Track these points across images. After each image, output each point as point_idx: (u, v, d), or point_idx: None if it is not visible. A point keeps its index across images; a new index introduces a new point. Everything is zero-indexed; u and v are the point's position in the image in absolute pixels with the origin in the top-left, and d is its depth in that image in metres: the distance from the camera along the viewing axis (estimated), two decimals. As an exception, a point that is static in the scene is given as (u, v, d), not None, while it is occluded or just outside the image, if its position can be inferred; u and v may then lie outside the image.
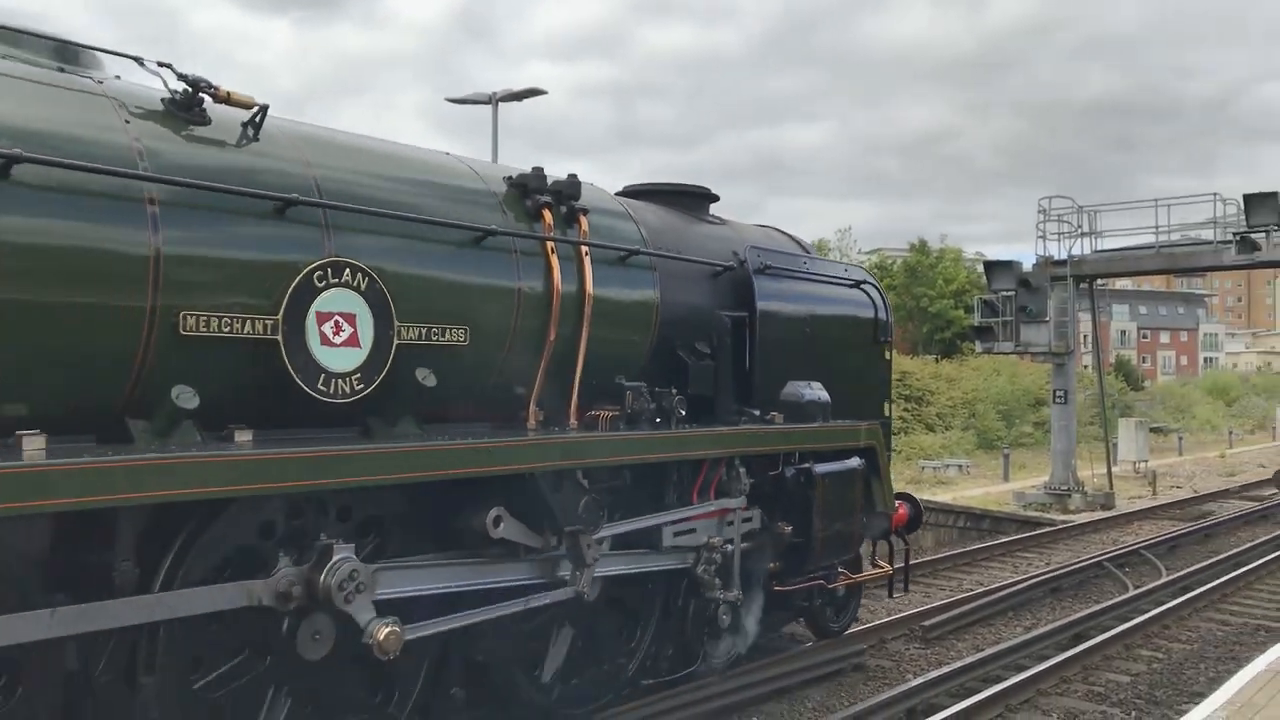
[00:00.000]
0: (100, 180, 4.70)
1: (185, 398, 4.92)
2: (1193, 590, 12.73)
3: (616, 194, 8.19)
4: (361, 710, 5.81)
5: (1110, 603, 12.06)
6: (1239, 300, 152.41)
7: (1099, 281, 25.46)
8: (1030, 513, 20.72)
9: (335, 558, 5.17)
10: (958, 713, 7.91)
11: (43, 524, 4.52)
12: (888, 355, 10.35)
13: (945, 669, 9.09)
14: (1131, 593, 12.70)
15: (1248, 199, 19.91)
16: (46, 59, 5.25)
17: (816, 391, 8.64)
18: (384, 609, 5.42)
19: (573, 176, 7.28)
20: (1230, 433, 44.09)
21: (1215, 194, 22.02)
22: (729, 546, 7.95)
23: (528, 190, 7.00)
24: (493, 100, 22.64)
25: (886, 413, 10.20)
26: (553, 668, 6.95)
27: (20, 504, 4.04)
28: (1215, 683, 9.24)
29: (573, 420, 7.03)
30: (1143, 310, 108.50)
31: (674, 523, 7.52)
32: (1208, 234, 22.75)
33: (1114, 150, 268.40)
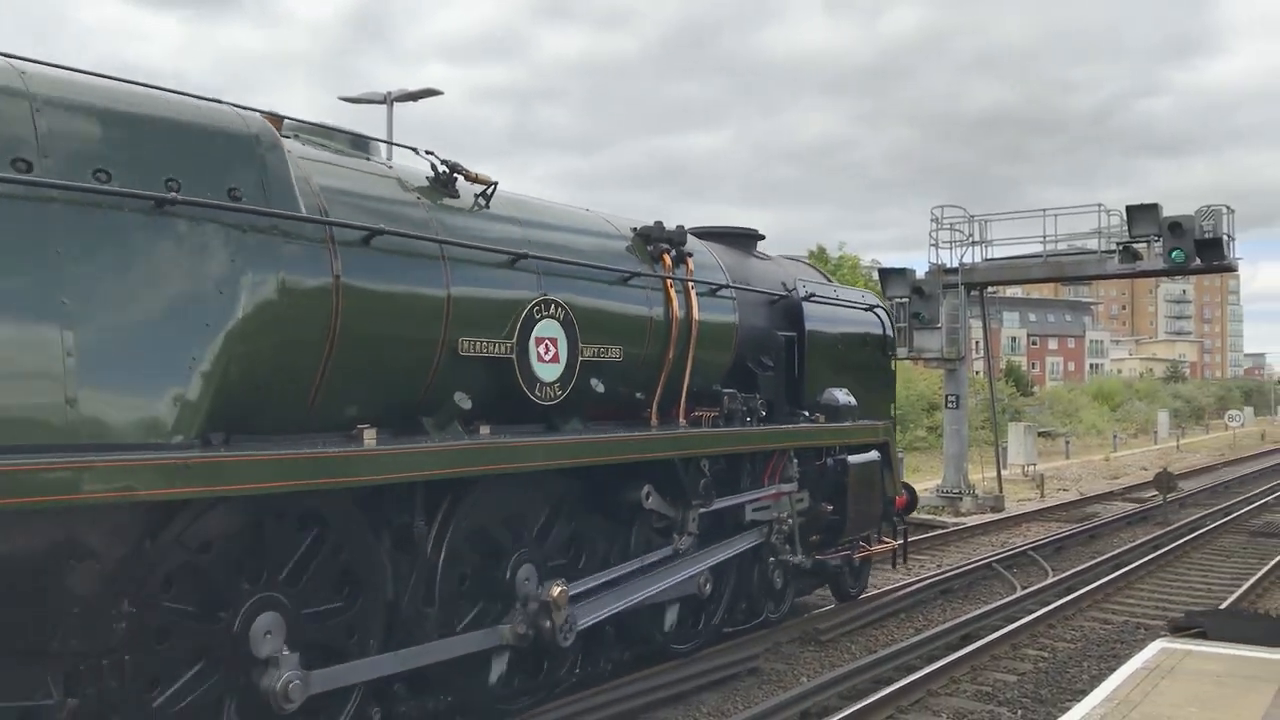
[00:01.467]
0: (417, 244, 6.63)
1: (462, 400, 6.82)
2: (1077, 590, 13.05)
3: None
4: None
5: (998, 603, 12.30)
6: (1123, 308, 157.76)
7: (990, 289, 26.02)
8: (923, 515, 21.08)
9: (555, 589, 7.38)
10: (850, 715, 7.95)
11: (365, 493, 6.21)
12: (893, 366, 12.79)
13: (838, 671, 9.18)
14: (1019, 593, 12.98)
15: (1130, 210, 20.52)
16: (349, 149, 7.12)
17: (847, 396, 10.97)
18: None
19: (680, 228, 9.17)
20: (1115, 436, 45.49)
21: (1100, 205, 22.71)
22: (790, 521, 10.22)
23: (649, 238, 8.97)
24: (388, 100, 22.36)
25: (891, 413, 12.38)
26: (670, 621, 9.28)
27: (368, 479, 6.03)
28: (1097, 680, 9.46)
29: (682, 420, 8.98)
30: (1032, 317, 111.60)
31: (757, 500, 9.88)
32: (1092, 244, 23.42)
33: (1003, 161, 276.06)
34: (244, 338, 5.40)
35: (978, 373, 42.05)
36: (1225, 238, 19.87)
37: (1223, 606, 11.37)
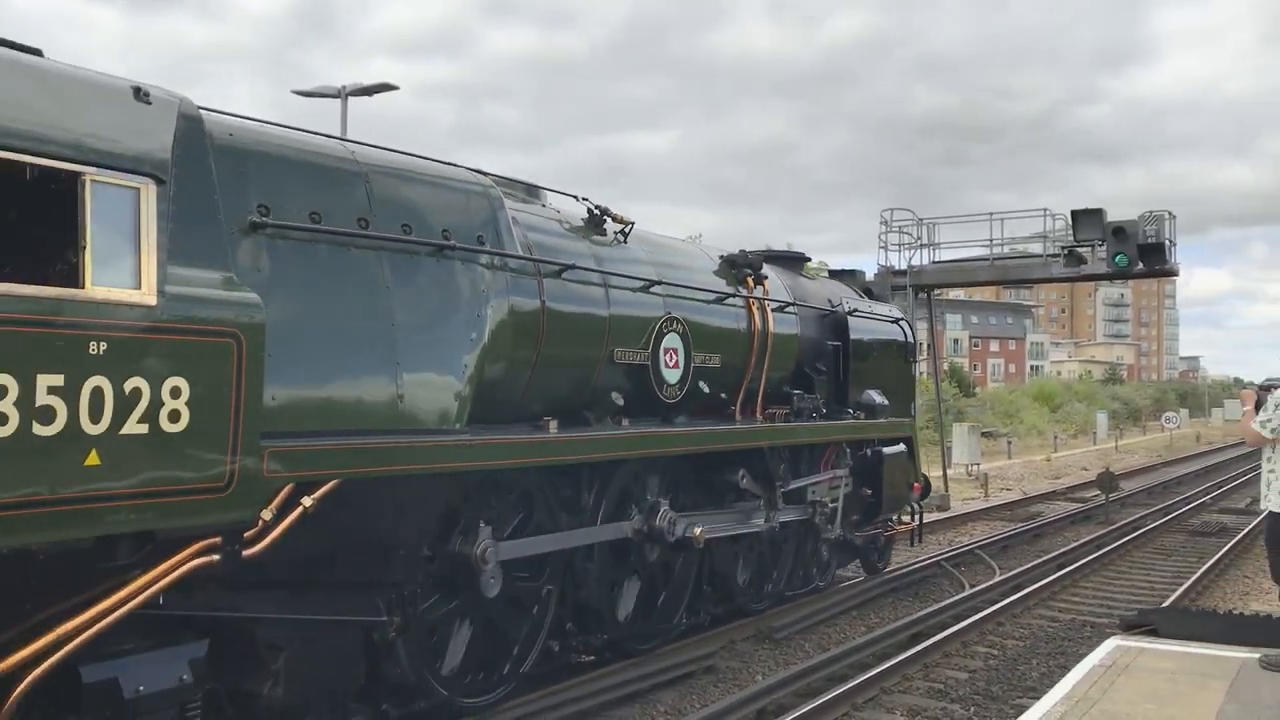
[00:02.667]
0: (589, 275, 8.53)
1: (617, 398, 8.71)
2: (1024, 589, 13.18)
3: (748, 258, 11.57)
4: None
5: (948, 601, 12.41)
6: (1063, 311, 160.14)
7: (936, 291, 26.25)
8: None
9: (661, 509, 9.33)
10: (806, 713, 7.96)
11: (550, 471, 8.11)
12: (913, 371, 14.62)
13: (793, 669, 9.20)
14: (968, 591, 13.09)
15: (1075, 215, 20.76)
16: (524, 195, 8.79)
17: (881, 397, 12.86)
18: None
19: (756, 254, 11.26)
20: (1055, 437, 46.16)
21: (1045, 209, 22.98)
22: (834, 503, 12.02)
23: (735, 264, 10.87)
24: (341, 94, 22.03)
25: (912, 411, 14.20)
26: (744, 576, 11.16)
27: (551, 459, 8.01)
28: (1047, 677, 9.57)
29: (759, 416, 10.72)
30: (974, 320, 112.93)
31: (822, 482, 11.91)
32: (1034, 247, 23.69)
33: (944, 165, 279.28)
34: (491, 350, 7.20)
35: (923, 373, 42.43)
36: (1167, 242, 20.17)
37: (1166, 605, 11.55)
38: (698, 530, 9.40)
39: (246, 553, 5.33)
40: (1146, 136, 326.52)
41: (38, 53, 5.21)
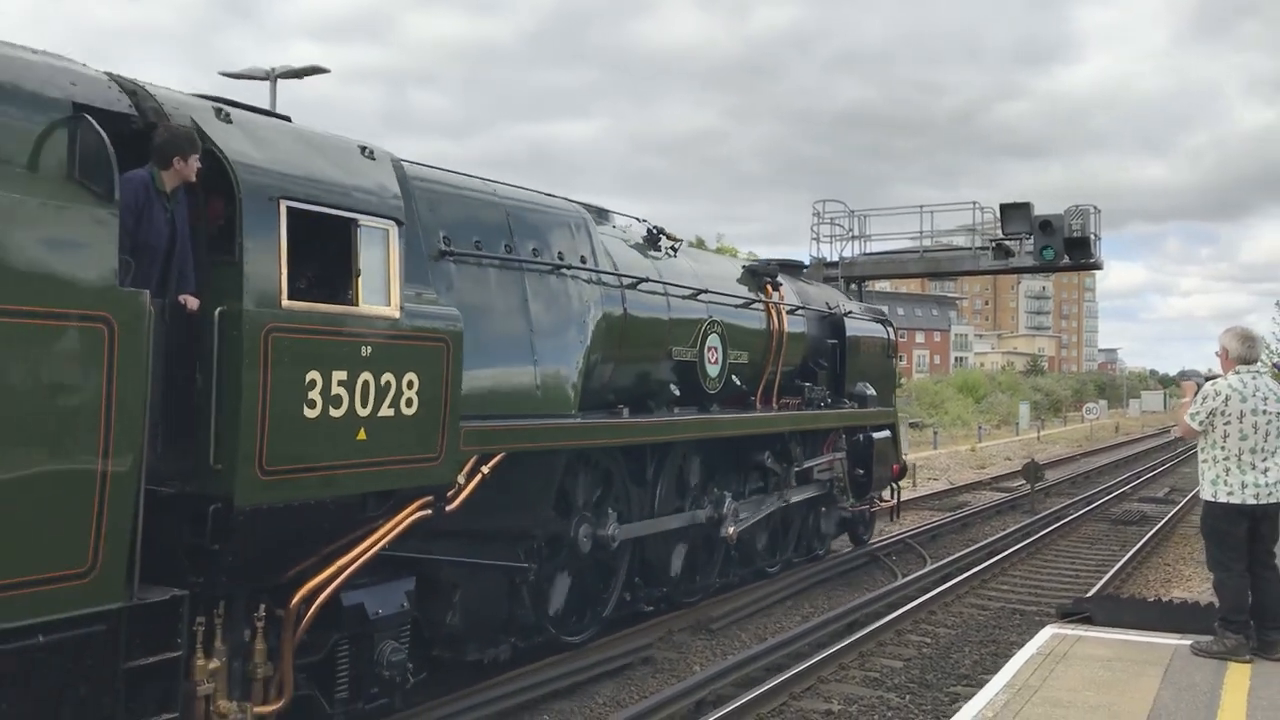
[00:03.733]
0: (655, 285, 10.02)
1: (674, 389, 10.14)
2: (954, 578, 13.27)
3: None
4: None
5: (881, 590, 12.47)
6: (986, 304, 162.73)
7: (864, 283, 26.43)
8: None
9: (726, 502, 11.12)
10: (745, 703, 7.92)
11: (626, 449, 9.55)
12: (895, 365, 16.37)
13: (731, 660, 9.15)
14: (900, 581, 13.15)
15: (1004, 208, 20.94)
16: (598, 217, 10.06)
17: (870, 389, 14.44)
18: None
19: (771, 264, 13.28)
20: (979, 428, 46.82)
21: (974, 203, 23.24)
22: (838, 480, 13.63)
23: (755, 273, 12.58)
24: (271, 77, 21.51)
25: (893, 401, 15.95)
26: (761, 545, 12.69)
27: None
28: (979, 665, 9.65)
29: (775, 406, 12.23)
30: (900, 311, 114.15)
31: (826, 462, 13.57)
32: (960, 240, 23.94)
33: (868, 159, 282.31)
34: (591, 350, 8.73)
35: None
36: (1092, 236, 20.46)
37: (1093, 593, 11.71)
38: (730, 530, 11.25)
39: (448, 508, 6.90)
40: (1067, 132, 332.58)
41: (287, 119, 6.75)
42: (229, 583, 5.66)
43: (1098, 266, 21.75)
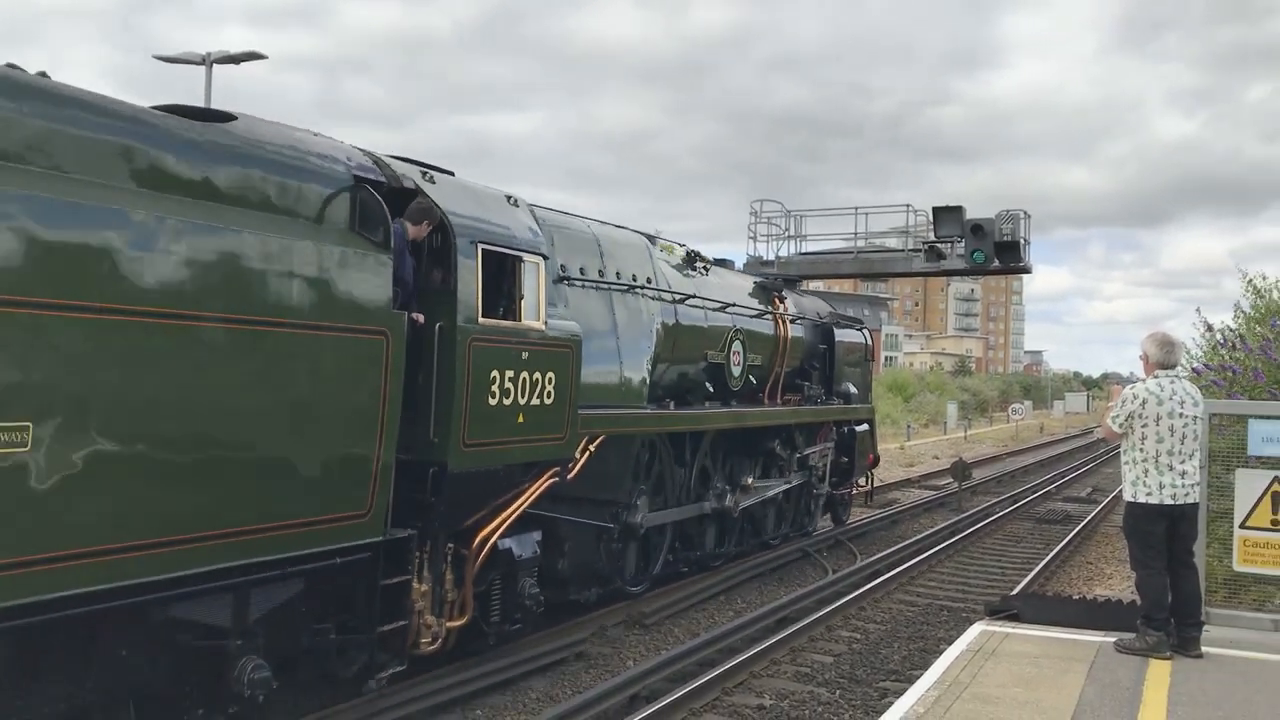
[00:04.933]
0: (697, 300, 12.34)
1: (708, 387, 12.52)
2: (884, 574, 13.46)
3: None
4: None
5: (812, 587, 12.67)
6: (916, 305, 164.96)
7: (800, 283, 26.59)
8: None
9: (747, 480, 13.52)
10: (678, 698, 7.97)
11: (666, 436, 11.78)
12: (870, 368, 19.01)
13: (664, 655, 9.28)
14: (830, 577, 13.33)
15: (936, 211, 21.36)
16: (649, 241, 12.30)
17: (853, 389, 17.07)
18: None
19: (778, 279, 16.21)
20: (908, 426, 47.43)
21: (908, 205, 23.50)
22: (827, 465, 16.13)
23: (765, 288, 15.28)
24: (206, 62, 21.12)
25: (870, 399, 18.65)
26: (769, 520, 14.94)
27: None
28: (908, 660, 9.80)
29: (779, 401, 14.64)
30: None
31: (820, 450, 15.89)
32: (892, 241, 24.14)
33: (802, 160, 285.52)
34: (655, 354, 11.07)
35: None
36: (1022, 241, 20.86)
37: (1017, 590, 11.91)
38: (736, 502, 13.35)
39: (568, 478, 9.04)
40: (994, 138, 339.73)
41: (451, 173, 8.58)
42: (437, 528, 7.67)
43: (1027, 270, 22.12)
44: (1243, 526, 7.69)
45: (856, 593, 12.39)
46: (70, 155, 5.16)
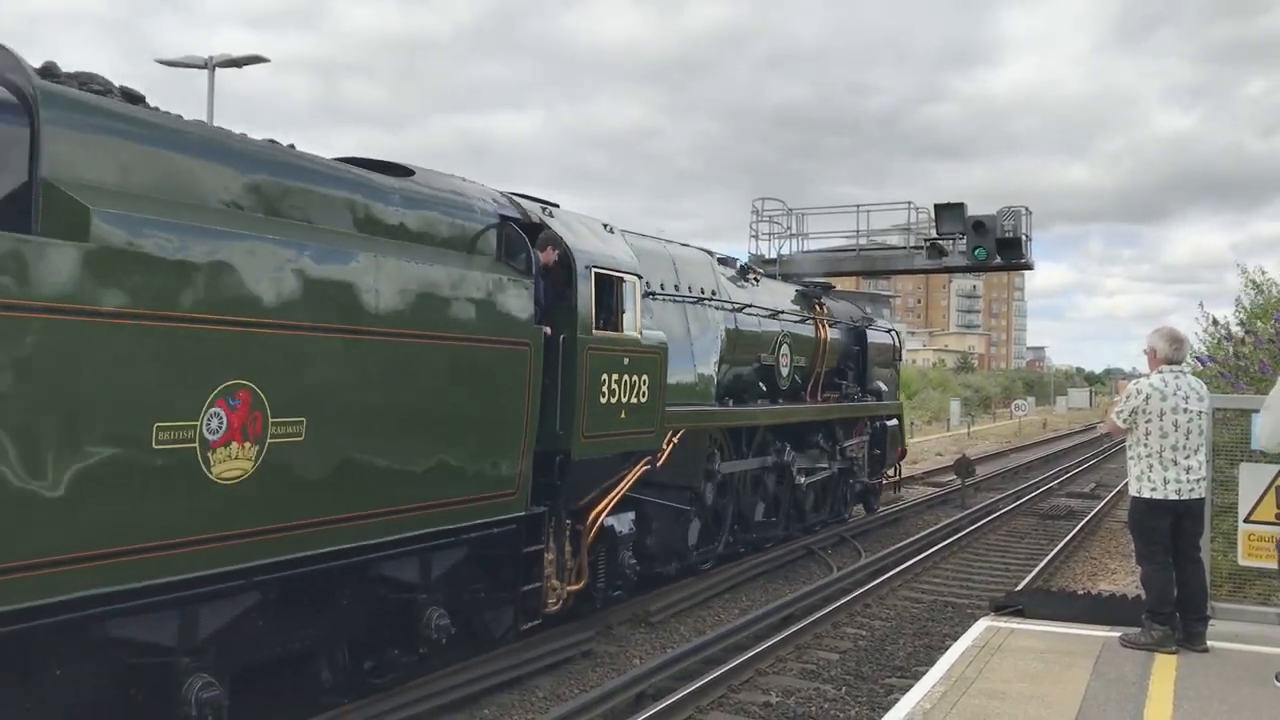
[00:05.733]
0: (753, 309, 14.17)
1: (761, 385, 14.35)
2: (889, 571, 13.51)
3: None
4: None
5: (817, 584, 12.79)
6: (918, 302, 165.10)
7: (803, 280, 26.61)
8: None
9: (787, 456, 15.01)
10: (685, 696, 8.03)
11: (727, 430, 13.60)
12: (898, 367, 20.95)
13: (670, 653, 9.40)
14: (835, 574, 13.40)
15: (938, 209, 21.41)
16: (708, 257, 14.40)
17: (884, 386, 18.79)
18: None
19: (819, 286, 18.06)
20: (911, 423, 47.37)
21: (910, 202, 23.56)
22: (861, 458, 17.94)
23: (806, 295, 16.93)
24: (209, 65, 21.18)
25: (898, 396, 20.44)
26: (810, 504, 16.38)
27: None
28: (914, 657, 9.84)
29: (820, 398, 16.29)
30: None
31: (857, 442, 17.60)
32: (893, 239, 24.16)
33: (799, 157, 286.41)
34: (720, 358, 12.85)
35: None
36: (1024, 237, 20.89)
37: (1022, 586, 11.94)
38: (802, 480, 15.46)
39: (656, 465, 10.68)
40: (991, 135, 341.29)
41: (557, 205, 9.87)
42: (561, 506, 9.24)
43: (1029, 266, 22.34)
44: (1247, 521, 7.71)
45: (861, 590, 12.51)
46: (315, 209, 6.69)
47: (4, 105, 5.21)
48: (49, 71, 5.64)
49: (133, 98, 6.07)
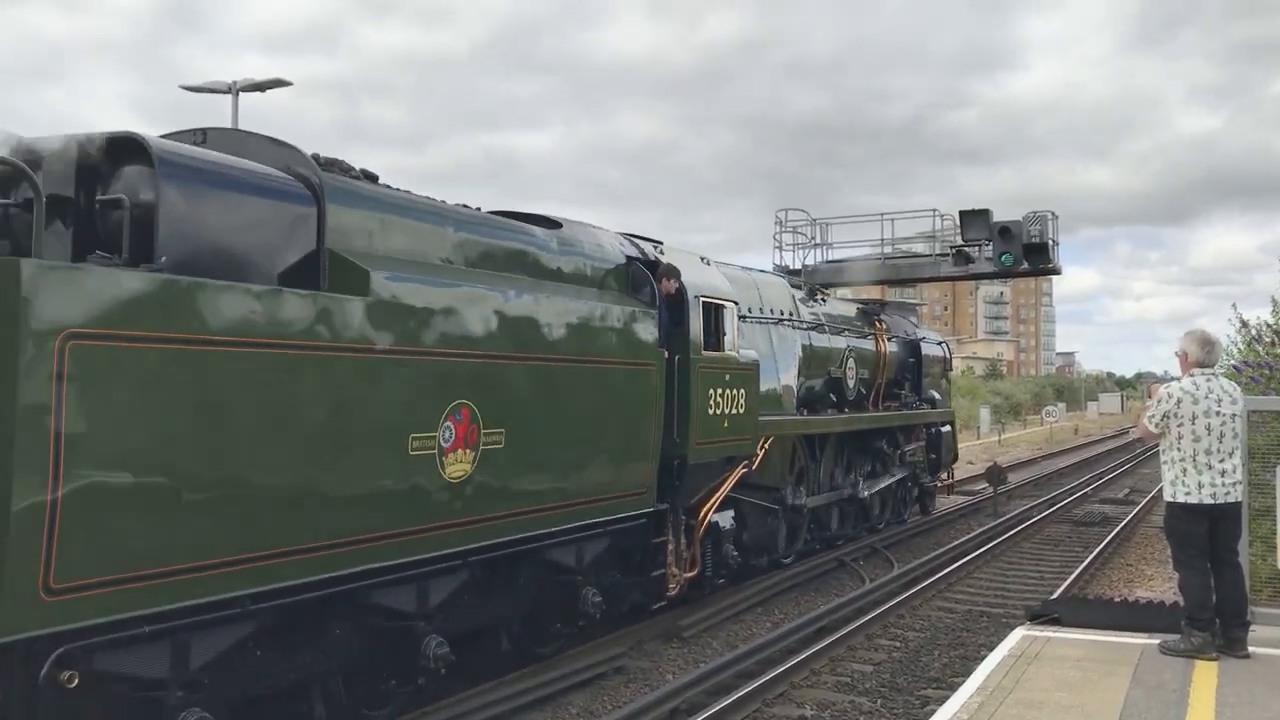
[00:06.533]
0: (823, 328, 16.23)
1: (831, 396, 16.08)
2: (922, 581, 13.46)
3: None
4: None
5: (850, 596, 12.84)
6: (945, 309, 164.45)
7: (829, 290, 26.51)
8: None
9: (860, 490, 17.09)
10: (718, 711, 8.03)
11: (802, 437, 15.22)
12: (949, 377, 23.32)
13: (703, 668, 9.43)
14: (868, 586, 13.41)
15: (963, 215, 21.40)
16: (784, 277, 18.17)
17: (937, 395, 20.65)
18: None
19: (877, 302, 20.38)
20: (944, 431, 47.12)
21: (934, 210, 23.50)
22: (920, 462, 19.79)
23: (866, 312, 18.77)
24: (233, 90, 21.41)
25: (950, 404, 22.56)
26: (875, 507, 17.83)
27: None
28: (949, 668, 9.83)
29: (880, 407, 17.89)
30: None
31: (915, 447, 19.19)
32: (919, 246, 24.08)
33: (821, 166, 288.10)
34: (797, 370, 14.78)
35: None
36: (1050, 242, 20.80)
37: (1057, 594, 11.82)
38: (865, 493, 16.97)
39: (752, 468, 12.21)
40: (1015, 139, 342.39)
41: (661, 242, 11.33)
42: (678, 504, 10.80)
43: (1056, 271, 22.35)
44: (1284, 524, 7.59)
45: (894, 601, 12.49)
46: (499, 260, 8.38)
47: (299, 194, 6.82)
48: (317, 160, 7.17)
49: (370, 177, 7.67)
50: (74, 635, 5.26)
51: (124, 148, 6.11)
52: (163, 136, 6.85)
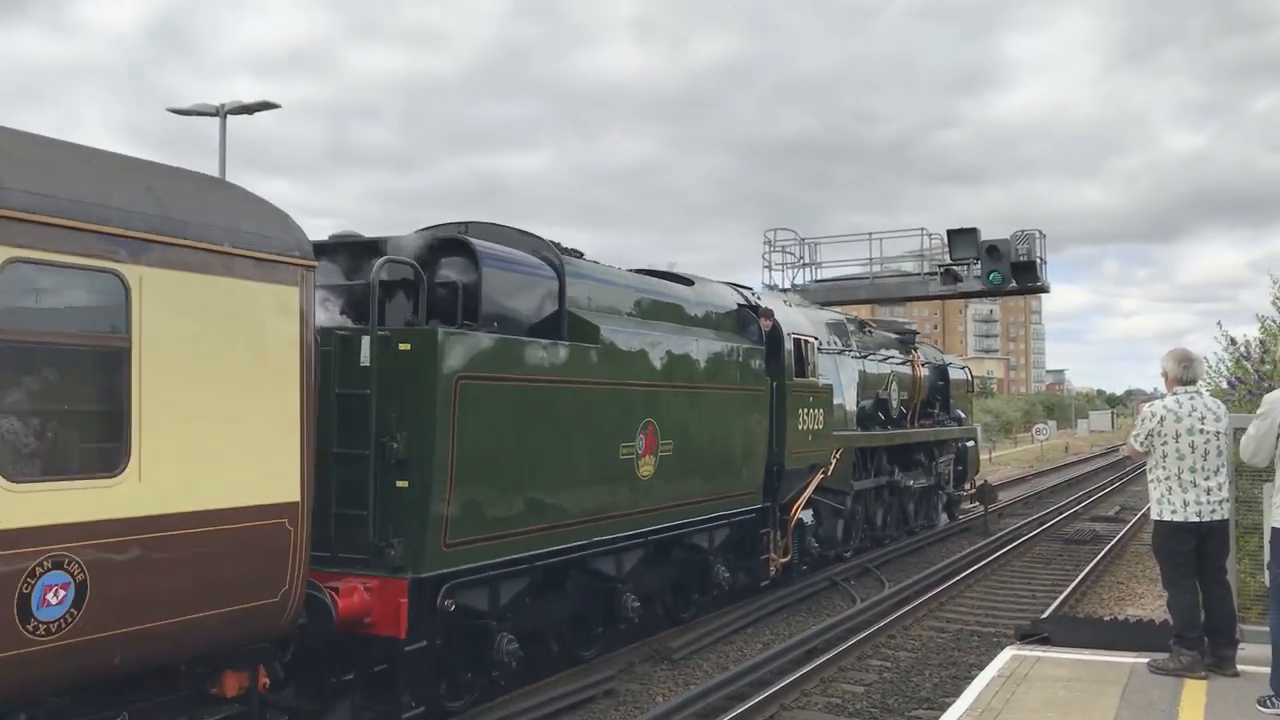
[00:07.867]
0: (873, 355, 19.14)
1: (879, 415, 18.81)
2: (912, 601, 13.55)
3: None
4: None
5: (840, 616, 12.95)
6: (935, 328, 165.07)
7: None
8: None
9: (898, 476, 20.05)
10: (709, 733, 7.96)
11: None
12: (971, 397, 26.47)
13: (693, 690, 9.49)
14: (858, 606, 13.53)
15: (951, 234, 21.78)
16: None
17: (962, 414, 23.43)
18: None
19: (913, 331, 22.88)
20: (932, 450, 47.21)
21: (922, 229, 23.80)
22: (953, 472, 23.86)
23: (903, 341, 21.23)
24: (220, 113, 21.46)
25: (973, 422, 26.34)
26: (911, 510, 21.05)
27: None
28: (940, 688, 9.87)
29: (918, 424, 20.77)
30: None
31: (946, 460, 22.26)
32: (908, 265, 24.17)
33: (810, 187, 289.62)
34: (855, 393, 17.53)
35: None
36: (1038, 260, 21.05)
37: (1048, 613, 11.85)
38: (910, 483, 19.97)
39: (827, 474, 15.13)
40: (1003, 159, 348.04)
41: (751, 288, 15.18)
42: (775, 502, 13.67)
43: (1044, 290, 22.65)
44: (1273, 541, 7.62)
45: (885, 620, 12.60)
46: (661, 312, 11.27)
47: (548, 272, 9.60)
48: (558, 247, 9.94)
49: (577, 254, 10.33)
50: (453, 576, 8.03)
51: (448, 244, 8.81)
52: (426, 229, 9.69)
